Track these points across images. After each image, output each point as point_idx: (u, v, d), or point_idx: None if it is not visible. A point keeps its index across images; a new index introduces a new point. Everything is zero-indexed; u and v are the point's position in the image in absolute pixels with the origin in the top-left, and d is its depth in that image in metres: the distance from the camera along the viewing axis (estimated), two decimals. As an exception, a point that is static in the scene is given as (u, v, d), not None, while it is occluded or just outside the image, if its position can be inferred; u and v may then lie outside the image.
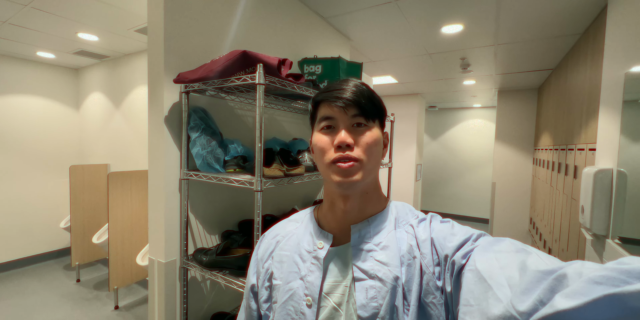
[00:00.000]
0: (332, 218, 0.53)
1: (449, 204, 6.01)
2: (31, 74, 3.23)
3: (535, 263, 0.33)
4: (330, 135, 0.49)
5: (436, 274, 0.44)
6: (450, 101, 5.19)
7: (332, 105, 0.48)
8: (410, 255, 0.46)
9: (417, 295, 0.44)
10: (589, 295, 0.24)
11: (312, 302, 0.47)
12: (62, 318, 2.36)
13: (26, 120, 3.22)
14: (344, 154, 0.47)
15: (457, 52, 2.57)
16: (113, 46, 2.65)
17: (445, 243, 0.45)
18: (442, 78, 3.51)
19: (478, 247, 0.41)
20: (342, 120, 0.48)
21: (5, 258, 3.13)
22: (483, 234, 0.45)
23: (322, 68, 1.58)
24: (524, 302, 0.29)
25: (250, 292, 0.57)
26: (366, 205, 0.52)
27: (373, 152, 0.49)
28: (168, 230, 1.11)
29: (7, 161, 3.11)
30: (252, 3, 1.42)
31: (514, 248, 0.38)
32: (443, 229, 0.48)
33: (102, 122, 3.28)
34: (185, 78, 0.98)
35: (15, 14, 2.02)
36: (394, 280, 0.44)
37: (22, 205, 3.23)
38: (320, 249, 0.51)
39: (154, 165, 1.13)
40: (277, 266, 0.54)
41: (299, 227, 0.57)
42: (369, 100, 0.49)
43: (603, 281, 0.24)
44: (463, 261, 0.41)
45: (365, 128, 0.49)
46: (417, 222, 0.51)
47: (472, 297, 0.35)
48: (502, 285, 0.33)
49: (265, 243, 0.59)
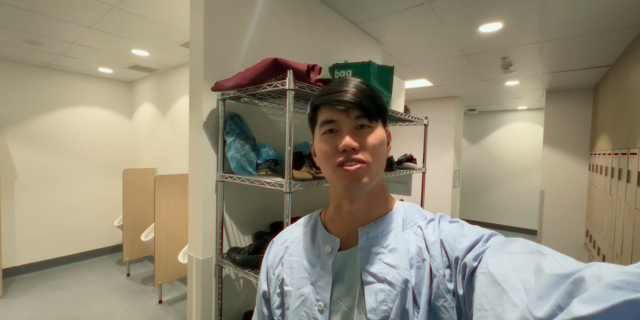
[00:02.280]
0: (339, 221, 0.53)
1: (491, 213, 5.64)
2: (93, 88, 3.64)
3: (551, 265, 0.31)
4: (334, 139, 0.48)
5: (447, 276, 0.43)
6: (491, 104, 4.91)
7: (333, 108, 0.47)
8: (420, 257, 0.45)
9: (427, 299, 0.43)
10: (607, 301, 0.23)
11: (324, 307, 0.47)
12: (114, 308, 2.58)
13: (87, 129, 3.62)
14: (350, 157, 0.46)
15: (497, 52, 2.44)
16: (161, 60, 2.90)
17: (456, 245, 0.43)
18: (481, 79, 3.35)
19: (490, 248, 0.40)
20: (345, 123, 0.47)
21: (69, 251, 3.51)
22: (494, 234, 0.44)
23: (352, 73, 1.59)
24: (541, 307, 0.28)
25: (262, 299, 0.57)
26: (373, 207, 0.51)
27: (379, 153, 0.48)
28: (205, 229, 1.18)
29: (72, 165, 3.51)
30: (284, 13, 1.48)
31: (527, 249, 0.37)
32: (452, 230, 0.46)
33: (150, 130, 3.58)
34: (221, 86, 1.05)
35: (81, 35, 2.30)
36: (404, 283, 0.44)
37: (83, 205, 3.60)
38: (329, 253, 0.51)
39: (194, 168, 1.21)
40: (288, 272, 0.54)
41: (306, 231, 0.57)
42: (371, 101, 0.47)
43: (622, 286, 0.23)
44: (475, 263, 0.39)
45: (369, 129, 0.48)
46: (425, 223, 0.49)
47: (486, 301, 0.34)
48: (517, 289, 0.32)
49: (274, 249, 0.59)
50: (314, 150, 0.53)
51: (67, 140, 3.46)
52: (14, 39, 2.41)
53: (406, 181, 2.05)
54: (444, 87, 3.77)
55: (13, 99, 3.09)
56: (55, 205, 3.39)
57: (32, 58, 2.94)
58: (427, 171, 4.63)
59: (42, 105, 3.27)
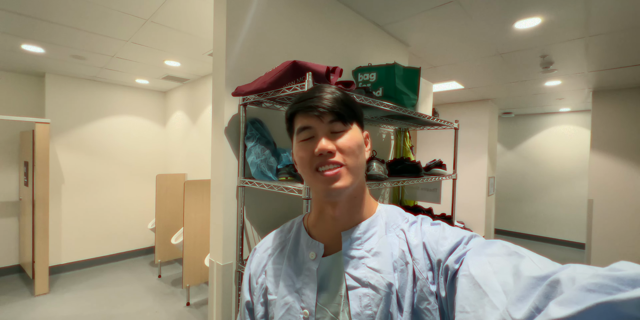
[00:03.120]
0: (322, 226, 0.53)
1: (530, 224, 5.22)
2: (131, 98, 3.88)
3: (529, 268, 0.32)
4: (310, 145, 0.48)
5: (430, 279, 0.43)
6: (529, 106, 4.60)
7: (307, 115, 0.48)
8: (403, 261, 0.46)
9: (410, 302, 0.43)
10: (582, 304, 0.24)
11: (309, 315, 0.47)
12: (145, 308, 2.67)
13: (125, 136, 3.85)
14: (326, 160, 0.46)
15: (536, 49, 2.28)
16: (191, 70, 3.03)
17: (438, 247, 0.44)
18: (517, 80, 3.14)
19: (470, 250, 0.40)
20: (319, 128, 0.48)
21: (107, 252, 3.72)
22: (474, 236, 0.44)
23: (376, 75, 1.55)
24: (520, 309, 0.29)
25: (245, 309, 0.56)
26: (355, 211, 0.51)
27: (356, 155, 0.48)
28: (226, 235, 1.17)
29: (111, 170, 3.74)
30: (306, 18, 1.48)
31: (505, 251, 0.38)
32: (434, 232, 0.47)
33: (182, 136, 3.74)
34: (241, 91, 1.05)
35: (119, 48, 2.46)
36: (387, 287, 0.44)
37: (121, 208, 3.82)
38: (313, 260, 0.50)
39: (215, 174, 1.21)
40: (271, 280, 0.53)
41: (289, 238, 0.56)
42: (343, 105, 0.48)
43: (596, 288, 0.24)
44: (456, 266, 0.40)
45: (343, 132, 0.48)
46: (407, 226, 0.50)
47: (467, 303, 0.35)
48: (497, 291, 0.33)
49: (257, 257, 0.58)
50: (294, 159, 0.53)
51: (107, 147, 3.70)
52: (63, 55, 2.64)
53: (435, 188, 1.94)
54: (476, 89, 3.59)
55: (62, 109, 3.37)
56: (96, 207, 3.63)
57: (78, 72, 3.20)
58: (459, 178, 4.39)
59: (86, 115, 3.54)
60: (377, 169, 1.22)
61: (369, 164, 1.25)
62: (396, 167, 1.54)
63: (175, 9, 1.79)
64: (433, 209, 1.96)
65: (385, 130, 2.05)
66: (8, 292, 2.91)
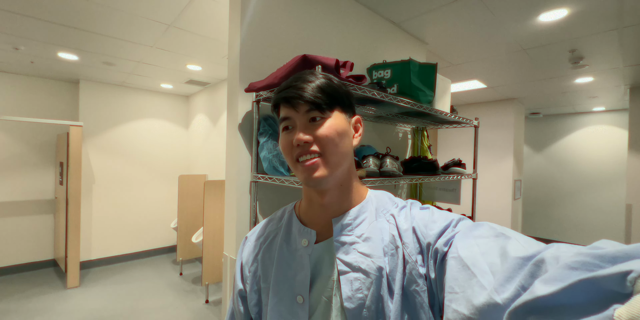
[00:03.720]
0: (312, 214, 0.53)
1: (561, 229, 4.92)
2: (155, 102, 4.06)
3: (515, 248, 0.33)
4: (290, 135, 0.49)
5: (419, 262, 0.44)
6: (559, 105, 4.36)
7: (285, 106, 0.49)
8: (393, 245, 0.46)
9: (400, 284, 0.44)
10: (565, 281, 0.24)
11: (303, 301, 0.48)
12: (167, 304, 2.75)
13: (151, 139, 4.03)
14: (304, 150, 0.47)
15: (563, 44, 2.16)
16: (212, 73, 3.13)
17: (427, 231, 0.45)
18: (544, 78, 2.99)
19: (459, 233, 0.41)
20: (297, 118, 0.48)
21: (133, 249, 3.88)
22: (462, 219, 0.45)
23: (391, 72, 1.53)
24: (507, 289, 0.30)
25: (238, 297, 0.57)
26: (344, 198, 0.52)
27: (335, 143, 0.48)
28: (239, 229, 1.19)
29: (137, 171, 3.92)
30: (320, 16, 1.49)
31: (492, 233, 0.39)
32: (424, 216, 0.47)
33: (203, 139, 3.86)
34: (254, 87, 1.07)
35: (145, 54, 2.59)
36: (378, 271, 0.45)
37: (146, 207, 3.98)
38: (305, 246, 0.51)
39: (230, 169, 1.24)
40: (264, 268, 0.54)
41: (281, 226, 0.57)
42: (319, 92, 0.47)
43: (578, 266, 0.25)
44: (445, 248, 0.41)
45: (321, 120, 0.48)
46: (397, 211, 0.50)
47: (456, 284, 0.36)
48: (485, 272, 0.34)
49: (248, 246, 0.59)
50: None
51: (134, 148, 3.89)
52: (95, 61, 2.81)
53: (454, 188, 1.88)
54: (499, 88, 3.45)
55: (93, 114, 3.58)
56: (123, 206, 3.80)
57: (108, 78, 3.39)
58: (483, 182, 4.23)
59: (115, 118, 3.74)
60: (390, 165, 1.20)
61: (382, 160, 1.22)
62: (412, 165, 1.51)
63: (195, 14, 1.86)
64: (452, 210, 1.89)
65: (402, 129, 2.02)
66: (43, 284, 3.10)
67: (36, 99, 3.43)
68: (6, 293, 2.88)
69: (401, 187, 1.98)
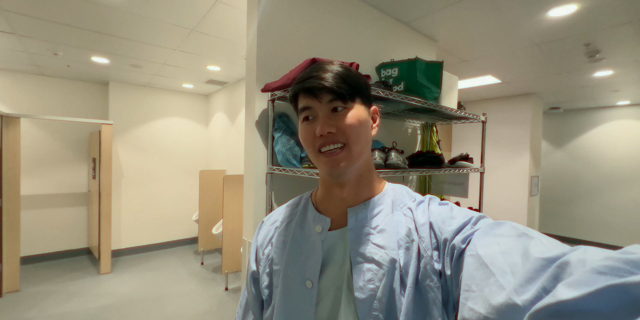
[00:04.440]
0: (329, 203, 0.54)
1: (582, 228, 4.79)
2: (178, 101, 4.28)
3: (538, 249, 0.32)
4: (312, 126, 0.49)
5: (434, 257, 0.44)
6: (580, 100, 4.24)
7: (306, 96, 0.48)
8: (409, 238, 0.46)
9: (414, 278, 0.44)
10: (592, 286, 0.23)
11: (312, 286, 0.48)
12: (189, 291, 2.95)
13: (173, 136, 4.26)
14: (328, 140, 0.47)
15: (577, 37, 2.15)
16: (230, 73, 3.29)
17: (445, 226, 0.44)
18: (560, 72, 2.95)
19: (479, 230, 0.40)
20: (319, 108, 0.48)
21: (158, 240, 4.14)
22: (483, 217, 0.44)
23: (398, 70, 1.60)
24: (528, 290, 0.28)
25: (251, 278, 0.58)
26: (362, 189, 0.52)
27: (358, 133, 0.48)
28: (256, 216, 1.31)
29: (162, 166, 4.16)
30: (331, 19, 1.58)
31: (515, 232, 0.37)
32: (442, 212, 0.47)
33: (222, 136, 4.05)
34: (269, 87, 1.18)
35: (169, 56, 2.77)
36: (391, 263, 0.45)
37: (170, 200, 4.22)
38: (319, 233, 0.51)
39: (248, 162, 1.36)
40: (277, 251, 0.55)
41: (296, 212, 0.58)
42: (341, 82, 0.47)
43: (607, 271, 0.23)
44: (463, 245, 0.40)
45: (344, 111, 0.48)
46: (415, 205, 0.50)
47: (473, 282, 0.35)
48: (505, 272, 0.32)
49: (264, 229, 0.60)
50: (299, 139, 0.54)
51: (158, 145, 4.13)
52: (123, 64, 3.02)
53: (462, 182, 1.93)
54: (514, 83, 3.42)
55: (122, 113, 3.83)
56: (149, 200, 4.06)
57: (135, 79, 3.62)
58: (498, 178, 4.20)
59: (142, 117, 3.98)
60: (395, 158, 1.28)
61: (387, 153, 1.31)
62: (418, 159, 1.58)
63: (215, 19, 2.00)
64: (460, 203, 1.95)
65: (412, 125, 2.08)
66: (79, 269, 3.39)
67: (71, 100, 3.72)
68: (47, 277, 3.17)
69: (410, 180, 2.05)
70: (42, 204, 3.55)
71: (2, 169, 2.70)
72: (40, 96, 3.54)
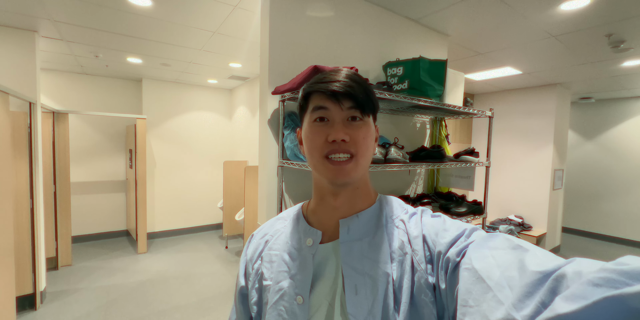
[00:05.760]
0: (321, 214, 0.53)
1: (610, 224, 4.61)
2: (204, 96, 4.55)
3: (534, 262, 0.32)
4: (324, 128, 0.47)
5: (428, 270, 0.42)
6: (611, 89, 4.02)
7: (326, 97, 0.46)
8: (402, 251, 0.45)
9: (409, 293, 0.42)
10: (589, 298, 0.23)
11: (303, 302, 0.47)
12: (215, 271, 3.25)
13: (200, 128, 4.55)
14: (338, 148, 0.46)
15: (596, 29, 2.09)
16: (250, 69, 3.46)
17: (438, 239, 0.43)
18: (585, 62, 2.85)
19: (472, 243, 0.40)
20: (336, 112, 0.47)
21: (187, 225, 4.51)
22: (475, 229, 0.43)
23: (403, 69, 1.68)
24: (527, 306, 0.28)
25: (239, 294, 0.57)
26: (356, 201, 0.51)
27: (368, 146, 0.48)
28: (269, 204, 1.49)
29: (190, 157, 4.48)
30: (339, 22, 1.68)
31: (509, 244, 0.37)
32: (435, 224, 0.46)
33: (244, 128, 4.28)
34: (278, 90, 1.33)
35: (195, 56, 2.98)
36: (384, 277, 0.44)
37: (197, 189, 4.56)
38: (310, 246, 0.50)
39: (262, 156, 1.53)
40: (267, 266, 0.53)
41: (287, 225, 0.57)
42: (364, 93, 0.47)
43: (602, 283, 0.23)
44: (458, 258, 0.39)
45: (361, 122, 0.47)
46: (407, 217, 0.49)
47: (470, 297, 0.34)
48: (502, 286, 0.32)
49: (254, 243, 0.58)
50: (300, 138, 0.53)
51: (186, 137, 4.44)
52: (155, 63, 3.28)
53: (468, 175, 2.00)
54: (537, 74, 3.33)
55: (154, 107, 4.15)
56: (179, 188, 4.41)
57: (165, 76, 3.90)
58: (518, 171, 4.13)
59: (171, 111, 4.29)
60: (395, 153, 1.39)
61: (387, 149, 1.43)
62: (420, 153, 1.68)
63: (234, 22, 2.15)
64: (466, 195, 2.02)
65: (420, 120, 2.16)
66: (120, 249, 3.80)
67: (109, 96, 4.08)
68: (94, 254, 3.60)
69: (418, 174, 2.14)
70: (88, 190, 3.99)
71: (55, 159, 3.09)
72: (84, 93, 3.92)
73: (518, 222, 3.99)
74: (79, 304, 2.53)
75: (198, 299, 2.66)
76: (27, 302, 2.42)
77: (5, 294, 1.87)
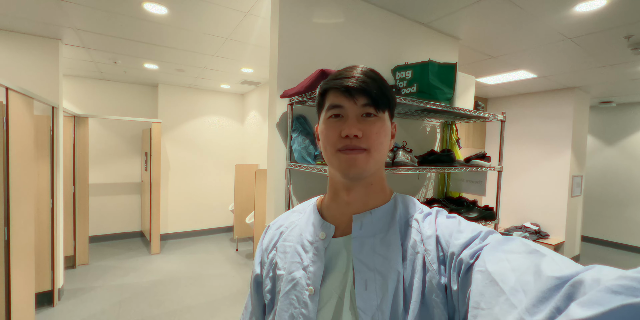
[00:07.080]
0: (335, 209, 0.54)
1: (634, 233, 4.40)
2: (217, 101, 4.65)
3: (550, 267, 0.31)
4: (338, 124, 0.48)
5: (440, 271, 0.42)
6: (634, 93, 3.88)
7: (340, 94, 0.47)
8: (414, 250, 0.45)
9: (419, 292, 0.42)
10: (606, 305, 0.23)
11: (314, 292, 0.48)
12: (225, 273, 3.28)
13: (213, 132, 4.64)
14: (350, 143, 0.47)
15: (615, 30, 2.04)
16: (262, 74, 3.53)
17: (452, 240, 0.43)
18: (604, 65, 2.76)
19: (487, 246, 0.39)
20: (351, 109, 0.47)
21: (198, 227, 4.58)
22: (491, 232, 0.43)
23: (412, 73, 1.68)
24: (541, 311, 0.28)
25: (254, 282, 0.59)
26: (370, 197, 0.52)
27: (382, 142, 0.48)
28: (277, 206, 1.51)
29: (201, 160, 4.57)
30: (347, 26, 1.70)
31: (525, 249, 0.36)
32: (449, 225, 0.46)
33: (255, 133, 4.34)
34: (286, 93, 1.35)
35: (208, 61, 3.06)
36: (395, 274, 0.44)
37: (209, 192, 4.64)
38: (323, 239, 0.51)
39: (271, 158, 1.56)
40: (281, 256, 0.55)
41: (301, 217, 0.58)
42: (379, 90, 0.47)
43: (622, 290, 0.23)
44: (471, 260, 0.39)
45: (375, 118, 0.48)
46: (422, 217, 0.49)
47: (482, 300, 0.34)
48: (516, 290, 0.31)
49: (269, 234, 0.60)
50: (317, 134, 0.54)
51: (199, 141, 4.54)
52: (170, 69, 3.39)
53: (480, 180, 1.96)
54: (553, 77, 3.25)
55: (169, 111, 4.27)
56: (192, 190, 4.49)
57: (179, 81, 4.02)
58: (535, 177, 4.01)
59: (185, 115, 4.40)
60: (403, 157, 1.39)
61: (395, 152, 1.42)
62: (429, 157, 1.66)
63: (246, 28, 2.21)
64: (477, 201, 1.98)
65: (431, 124, 2.14)
66: (134, 249, 3.90)
67: (127, 100, 4.23)
68: (109, 253, 3.71)
69: (428, 178, 2.12)
70: (105, 192, 4.12)
71: (75, 161, 3.21)
72: (103, 98, 4.08)
73: (534, 230, 3.86)
74: (94, 301, 2.60)
75: (208, 300, 2.69)
76: (46, 298, 2.51)
77: (25, 290, 1.94)
